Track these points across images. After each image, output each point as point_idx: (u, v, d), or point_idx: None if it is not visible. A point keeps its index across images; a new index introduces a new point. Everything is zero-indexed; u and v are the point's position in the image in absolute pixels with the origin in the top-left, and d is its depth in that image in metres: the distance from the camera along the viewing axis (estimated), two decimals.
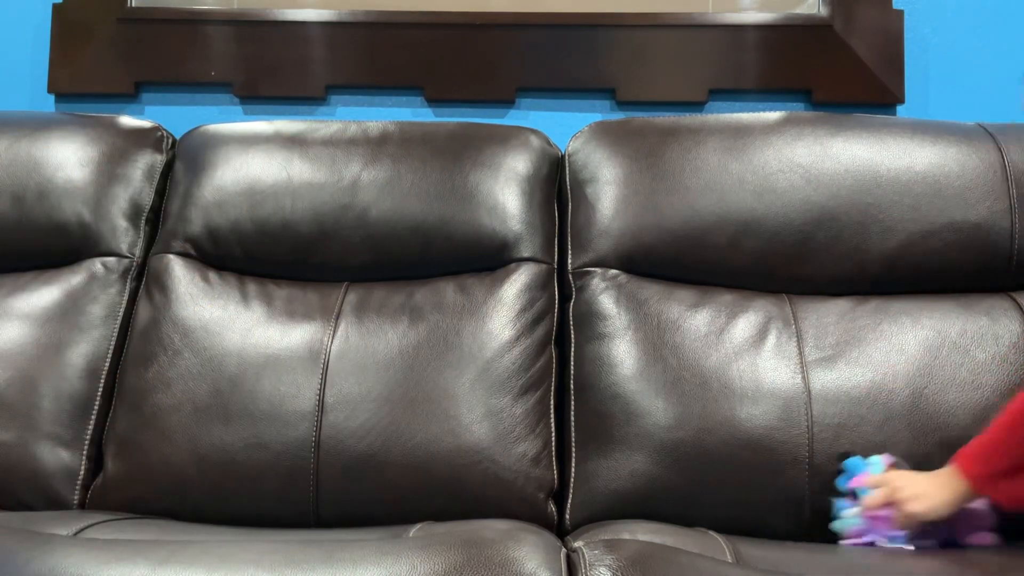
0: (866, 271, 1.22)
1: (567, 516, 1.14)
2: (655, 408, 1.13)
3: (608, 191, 1.27)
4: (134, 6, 1.54)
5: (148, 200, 1.33)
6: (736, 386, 1.13)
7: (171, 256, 1.28)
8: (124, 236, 1.30)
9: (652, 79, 1.50)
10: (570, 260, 1.26)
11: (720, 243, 1.23)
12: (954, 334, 1.16)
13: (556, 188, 1.33)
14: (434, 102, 1.52)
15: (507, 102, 1.51)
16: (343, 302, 1.23)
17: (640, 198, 1.25)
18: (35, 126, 1.35)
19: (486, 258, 1.26)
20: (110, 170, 1.32)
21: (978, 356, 1.14)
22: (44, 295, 1.25)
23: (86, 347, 1.22)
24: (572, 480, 1.15)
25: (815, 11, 1.50)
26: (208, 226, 1.28)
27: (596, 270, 1.24)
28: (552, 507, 1.15)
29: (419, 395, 1.15)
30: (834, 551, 1.01)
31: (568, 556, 0.80)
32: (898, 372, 1.13)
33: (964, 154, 1.24)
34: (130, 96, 1.54)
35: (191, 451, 1.14)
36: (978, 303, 1.19)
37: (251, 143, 1.33)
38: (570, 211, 1.29)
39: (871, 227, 1.22)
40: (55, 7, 1.54)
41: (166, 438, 1.15)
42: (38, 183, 1.30)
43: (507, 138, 1.32)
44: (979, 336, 1.15)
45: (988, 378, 1.12)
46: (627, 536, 0.97)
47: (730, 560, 0.91)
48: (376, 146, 1.31)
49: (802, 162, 1.25)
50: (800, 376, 1.13)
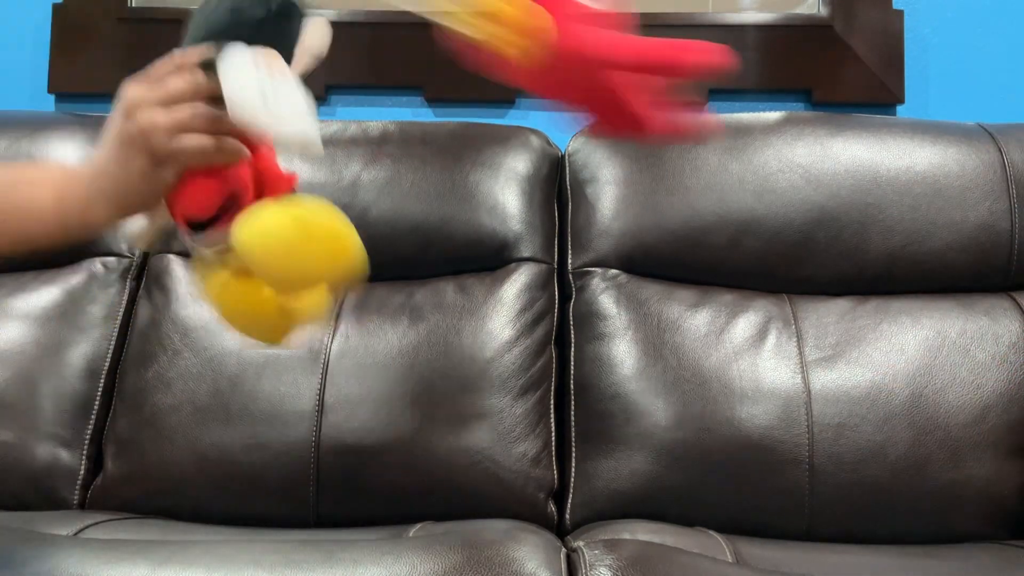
0: (866, 271, 1.22)
1: (567, 516, 1.14)
2: (655, 408, 1.13)
3: (608, 191, 1.27)
4: (134, 6, 1.54)
5: None
6: (736, 386, 1.13)
7: (171, 256, 1.27)
8: (124, 236, 1.30)
9: None
10: (570, 260, 1.26)
11: (720, 243, 1.23)
12: (954, 334, 1.16)
13: (556, 188, 1.33)
14: (434, 102, 1.52)
15: (507, 102, 1.51)
16: (343, 302, 1.23)
17: (640, 198, 1.25)
18: (35, 126, 1.35)
19: (486, 258, 1.26)
20: None
21: (978, 356, 1.14)
22: (44, 295, 1.25)
23: (86, 347, 1.22)
24: (572, 480, 1.15)
25: (815, 11, 1.50)
26: None
27: (596, 270, 1.24)
28: (552, 507, 1.15)
29: (419, 395, 1.15)
30: (834, 551, 1.01)
31: (568, 556, 0.80)
32: (898, 372, 1.13)
33: (964, 154, 1.24)
34: None
35: (191, 451, 1.14)
36: (978, 303, 1.19)
37: None
38: (570, 211, 1.29)
39: (871, 227, 1.22)
40: (55, 7, 1.54)
41: (166, 438, 1.15)
42: None
43: (507, 138, 1.32)
44: (979, 336, 1.15)
45: (988, 378, 1.12)
46: (627, 536, 0.97)
47: (730, 560, 0.91)
48: (376, 146, 1.31)
49: (802, 162, 1.25)
50: (800, 376, 1.13)
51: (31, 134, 1.34)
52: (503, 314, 1.21)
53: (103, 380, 1.21)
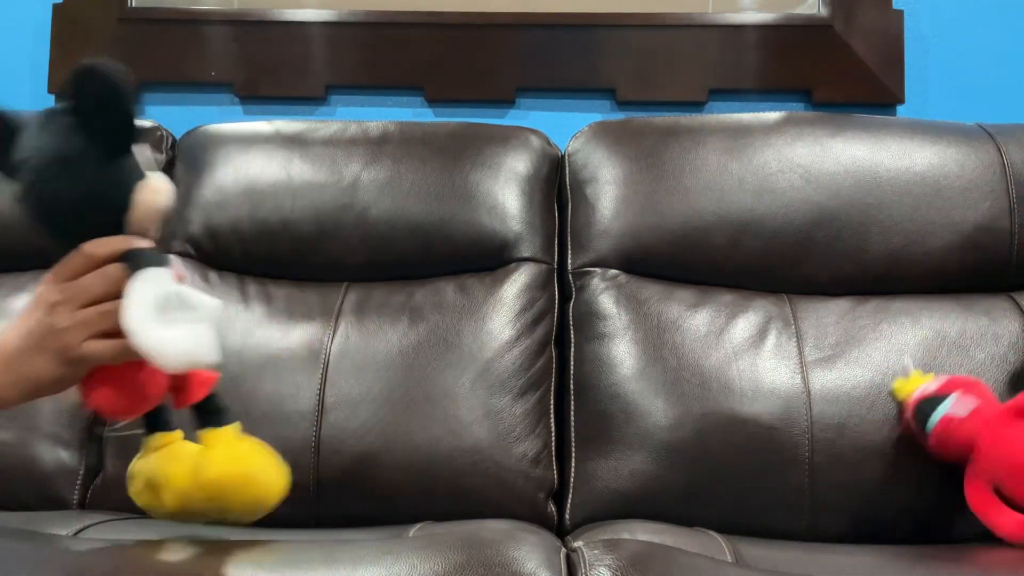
0: (866, 271, 1.22)
1: (567, 516, 1.14)
2: (655, 408, 1.13)
3: (608, 191, 1.27)
4: (134, 6, 1.54)
5: None
6: (736, 386, 1.13)
7: (170, 256, 1.27)
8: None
9: (652, 79, 1.50)
10: (570, 260, 1.26)
11: (720, 243, 1.23)
12: (954, 334, 1.16)
13: (556, 188, 1.33)
14: (434, 102, 1.52)
15: (507, 102, 1.51)
16: (343, 302, 1.23)
17: (640, 198, 1.25)
18: None
19: (486, 258, 1.26)
20: None
21: (978, 356, 1.14)
22: None
23: None
24: (572, 480, 1.15)
25: (815, 11, 1.50)
26: (208, 226, 1.28)
27: (596, 270, 1.24)
28: (552, 507, 1.15)
29: (419, 395, 1.15)
30: (834, 551, 1.01)
31: (568, 556, 0.80)
32: (898, 372, 1.13)
33: (964, 154, 1.24)
34: None
35: None
36: (978, 303, 1.19)
37: (251, 143, 1.33)
38: (570, 211, 1.29)
39: (871, 227, 1.22)
40: (55, 7, 1.54)
41: None
42: None
43: (507, 138, 1.32)
44: (979, 336, 1.15)
45: (988, 378, 1.12)
46: (627, 536, 0.97)
47: (730, 560, 0.91)
48: (376, 146, 1.31)
49: (802, 162, 1.25)
50: (800, 376, 1.13)
51: None
52: (503, 314, 1.21)
53: None
